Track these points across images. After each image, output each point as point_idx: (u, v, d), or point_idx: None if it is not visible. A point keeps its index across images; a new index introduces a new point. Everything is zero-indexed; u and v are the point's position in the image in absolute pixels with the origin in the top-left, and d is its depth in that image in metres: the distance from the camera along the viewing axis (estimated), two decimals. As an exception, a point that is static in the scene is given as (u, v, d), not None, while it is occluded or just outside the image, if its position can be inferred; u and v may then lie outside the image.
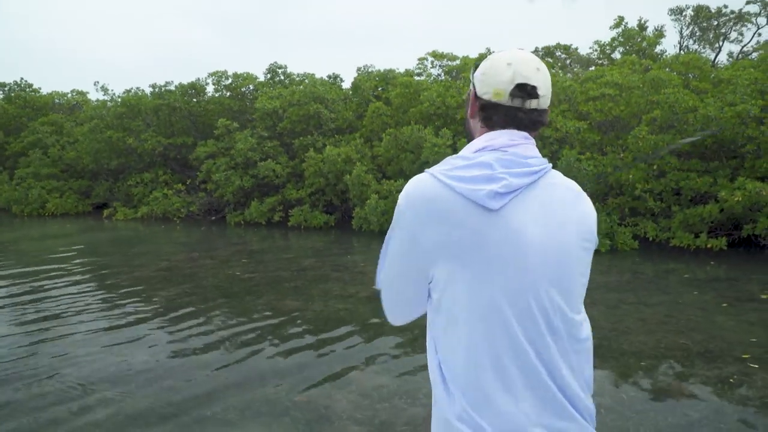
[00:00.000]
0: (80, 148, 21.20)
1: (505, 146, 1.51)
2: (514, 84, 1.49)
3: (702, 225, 10.85)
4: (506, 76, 1.50)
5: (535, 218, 1.42)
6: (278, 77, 21.45)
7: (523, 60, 1.52)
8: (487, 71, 1.54)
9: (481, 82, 1.55)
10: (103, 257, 11.74)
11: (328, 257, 11.26)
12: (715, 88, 13.01)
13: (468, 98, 1.66)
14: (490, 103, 1.53)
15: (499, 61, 1.53)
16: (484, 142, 1.53)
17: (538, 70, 1.52)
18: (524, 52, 1.56)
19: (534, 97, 1.51)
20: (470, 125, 1.64)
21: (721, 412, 4.38)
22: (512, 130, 1.53)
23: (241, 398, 4.75)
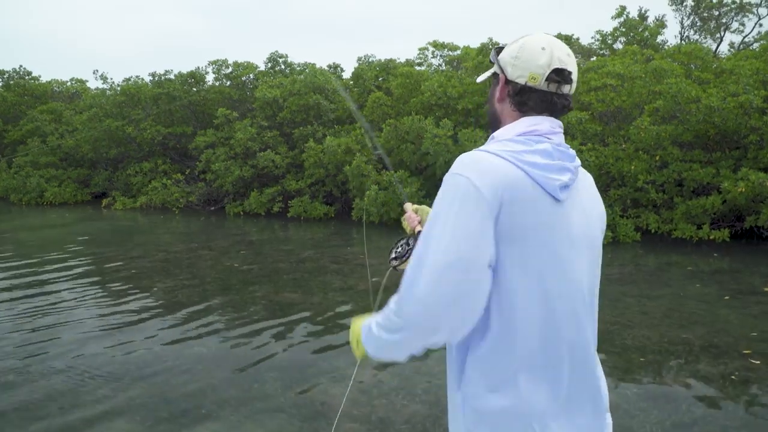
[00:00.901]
0: (79, 137, 21.07)
1: (549, 133, 1.52)
2: (551, 68, 1.50)
3: (704, 217, 10.75)
4: (543, 60, 1.50)
5: (579, 211, 1.50)
6: (279, 66, 21.29)
7: (557, 45, 1.53)
8: (521, 55, 1.52)
9: (513, 66, 1.54)
10: (101, 247, 11.66)
11: (328, 249, 11.18)
12: (717, 79, 12.86)
13: (494, 82, 1.64)
14: (526, 87, 1.53)
15: (533, 45, 1.52)
16: (527, 127, 1.52)
17: (569, 55, 1.53)
18: (554, 37, 1.55)
19: (568, 83, 1.53)
20: (497, 109, 1.62)
21: (726, 409, 4.30)
22: (552, 118, 1.55)
23: (237, 394, 4.68)
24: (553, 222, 1.42)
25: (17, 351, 5.71)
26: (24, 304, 7.38)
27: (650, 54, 15.58)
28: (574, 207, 1.48)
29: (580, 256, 1.49)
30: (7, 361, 5.45)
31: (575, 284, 1.47)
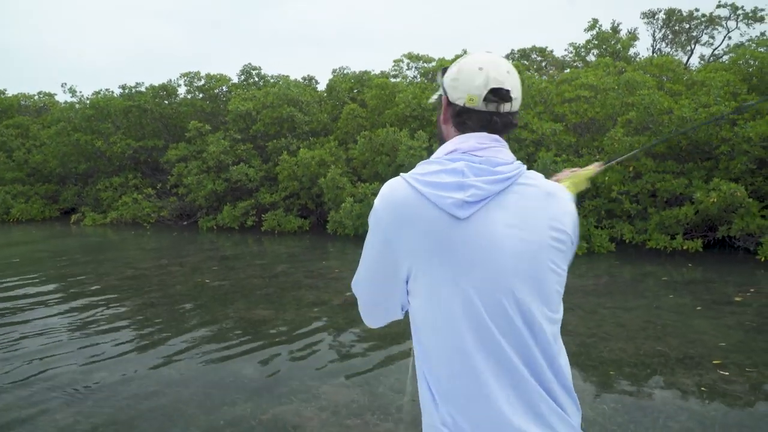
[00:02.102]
0: (47, 152, 20.64)
1: (474, 149, 1.50)
2: (488, 89, 1.50)
3: (678, 227, 10.81)
4: (479, 80, 1.50)
5: (506, 222, 1.42)
6: (252, 79, 21.12)
7: (494, 63, 1.53)
8: (458, 76, 1.54)
9: (453, 88, 1.55)
10: (69, 265, 11.35)
11: (302, 263, 11.01)
12: (688, 90, 13.01)
13: (439, 104, 1.65)
14: (464, 109, 1.53)
15: (469, 66, 1.53)
16: (454, 146, 1.52)
17: (508, 72, 1.53)
18: (493, 55, 1.56)
19: (507, 101, 1.52)
20: (443, 130, 1.63)
21: (703, 423, 4.24)
22: (481, 134, 1.53)
23: (206, 417, 4.50)
24: (456, 237, 1.39)
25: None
26: None
27: (623, 66, 15.76)
28: (495, 218, 1.42)
29: (505, 264, 1.41)
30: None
31: (492, 294, 1.40)
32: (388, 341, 6.14)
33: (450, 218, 1.39)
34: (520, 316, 1.41)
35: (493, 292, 1.40)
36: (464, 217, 1.39)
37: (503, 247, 1.41)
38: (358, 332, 6.57)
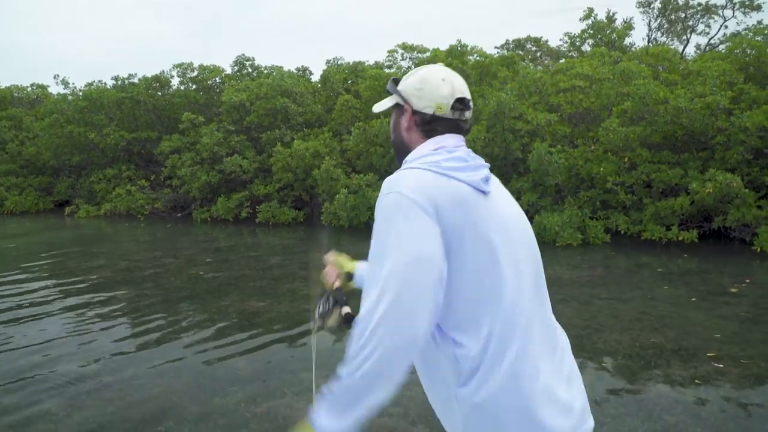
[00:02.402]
0: (40, 144, 20.50)
1: (455, 147, 1.65)
2: (454, 98, 1.65)
3: (673, 217, 10.80)
4: (446, 90, 1.64)
5: (507, 198, 1.66)
6: (246, 70, 20.99)
7: (454, 75, 1.68)
8: (424, 87, 1.65)
9: (418, 98, 1.66)
10: (62, 257, 11.27)
11: (296, 254, 10.96)
12: (684, 80, 12.97)
13: (396, 112, 1.74)
14: (434, 117, 1.66)
15: (433, 77, 1.66)
16: (436, 144, 1.64)
17: (465, 85, 1.70)
18: (446, 68, 1.71)
19: (468, 109, 1.69)
20: (404, 137, 1.72)
21: (698, 415, 4.21)
22: (454, 135, 1.68)
23: (198, 410, 4.45)
24: (487, 211, 1.52)
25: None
26: None
27: (618, 56, 15.69)
28: (499, 196, 1.62)
29: (518, 236, 1.59)
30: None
31: (523, 262, 1.56)
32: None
33: (478, 193, 1.53)
34: (542, 278, 1.65)
35: (521, 258, 1.56)
36: (489, 191, 1.56)
37: (519, 217, 1.65)
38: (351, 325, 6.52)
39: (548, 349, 1.55)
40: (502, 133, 12.68)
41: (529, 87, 14.02)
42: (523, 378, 1.45)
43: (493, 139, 12.76)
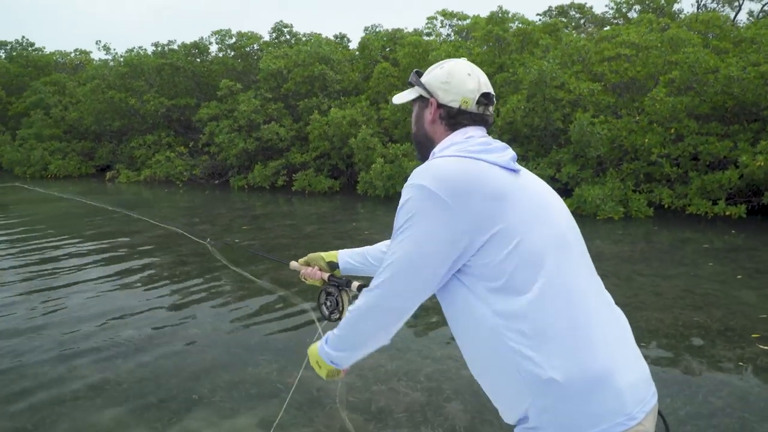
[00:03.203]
0: (82, 109, 20.83)
1: (482, 136, 1.69)
2: (480, 93, 1.69)
3: (720, 192, 10.40)
4: (472, 85, 1.69)
5: (534, 180, 1.67)
6: (284, 37, 20.87)
7: (478, 71, 1.73)
8: (450, 80, 1.69)
9: (445, 91, 1.70)
10: (102, 222, 11.48)
11: (331, 224, 10.94)
12: (735, 48, 12.39)
13: (420, 105, 1.78)
14: (459, 110, 1.69)
15: (459, 71, 1.70)
16: (465, 134, 1.68)
17: (487, 79, 1.74)
18: (470, 63, 1.75)
19: (492, 104, 1.74)
20: (428, 130, 1.75)
21: (744, 399, 4.05)
22: (479, 127, 1.72)
23: (230, 378, 4.47)
24: (521, 188, 1.55)
25: (10, 327, 5.53)
26: (20, 281, 7.21)
27: (666, 23, 15.09)
28: (529, 175, 1.65)
29: (556, 212, 1.62)
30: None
31: (563, 235, 1.58)
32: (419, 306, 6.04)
33: (510, 173, 1.56)
34: (583, 246, 1.66)
35: (564, 229, 1.60)
36: (519, 169, 1.59)
37: (552, 194, 1.67)
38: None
39: (609, 316, 1.59)
40: (543, 103, 12.34)
41: (572, 55, 13.58)
42: (595, 347, 1.46)
43: (534, 109, 12.44)
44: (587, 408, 1.41)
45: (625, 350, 1.56)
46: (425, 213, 1.48)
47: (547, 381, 1.41)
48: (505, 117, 12.75)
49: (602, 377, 1.43)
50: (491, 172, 1.52)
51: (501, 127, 13.06)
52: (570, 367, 1.42)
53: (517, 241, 1.47)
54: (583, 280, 1.56)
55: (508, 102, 12.86)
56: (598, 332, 1.48)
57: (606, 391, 1.43)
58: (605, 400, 1.42)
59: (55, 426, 3.84)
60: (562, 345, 1.43)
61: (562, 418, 1.42)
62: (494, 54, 15.34)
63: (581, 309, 1.49)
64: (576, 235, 1.64)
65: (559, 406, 1.42)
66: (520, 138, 13.27)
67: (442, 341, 5.09)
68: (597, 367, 1.43)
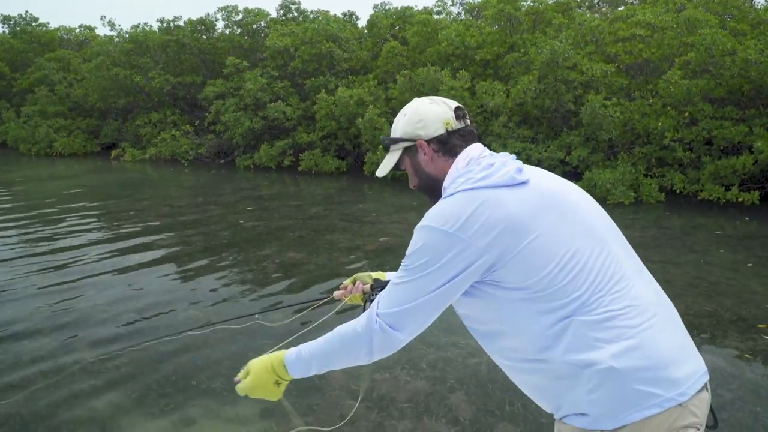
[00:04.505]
0: (87, 86, 20.69)
1: (481, 156, 1.68)
2: (452, 109, 1.72)
3: (734, 177, 10.19)
4: (440, 108, 1.72)
5: (547, 178, 1.65)
6: (291, 14, 20.56)
7: (434, 97, 1.76)
8: (423, 117, 1.71)
9: (425, 127, 1.70)
10: (107, 200, 11.41)
11: (337, 205, 10.82)
12: (753, 30, 12.08)
13: (409, 156, 1.76)
14: (447, 133, 1.70)
15: (420, 108, 1.73)
16: (465, 158, 1.68)
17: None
18: (420, 98, 1.79)
19: (466, 115, 1.75)
20: (431, 171, 1.73)
21: (756, 392, 3.93)
22: (474, 144, 1.72)
23: (231, 364, 4.38)
24: (532, 198, 1.54)
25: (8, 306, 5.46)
26: (23, 258, 7.15)
27: (683, 3, 14.71)
28: (540, 177, 1.63)
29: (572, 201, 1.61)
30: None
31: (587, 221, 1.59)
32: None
33: (517, 188, 1.54)
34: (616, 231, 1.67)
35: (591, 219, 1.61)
36: (525, 179, 1.56)
37: (569, 190, 1.65)
38: (391, 280, 6.37)
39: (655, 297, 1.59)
40: (554, 84, 12.11)
41: (585, 35, 13.30)
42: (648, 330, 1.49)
43: (545, 90, 12.21)
44: (639, 386, 1.44)
45: (674, 330, 1.57)
46: (436, 252, 1.51)
47: (605, 369, 1.44)
48: (515, 98, 12.53)
49: (655, 358, 1.46)
50: (498, 197, 1.52)
51: (511, 108, 12.85)
52: (626, 353, 1.44)
53: (548, 250, 1.49)
54: (624, 266, 1.57)
55: (518, 83, 12.63)
56: (648, 315, 1.50)
57: (659, 371, 1.45)
58: (657, 379, 1.45)
59: (52, 412, 3.77)
60: (618, 333, 1.46)
61: (613, 398, 1.45)
62: (505, 33, 15.06)
63: (629, 295, 1.51)
64: (605, 222, 1.65)
65: (611, 386, 1.45)
66: (530, 120, 13.04)
67: (446, 328, 4.97)
68: (651, 350, 1.46)
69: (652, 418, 1.43)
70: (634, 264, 1.62)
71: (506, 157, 1.65)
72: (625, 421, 1.44)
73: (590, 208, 1.64)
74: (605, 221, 1.65)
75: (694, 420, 1.48)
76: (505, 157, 1.64)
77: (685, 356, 1.53)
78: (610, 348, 1.44)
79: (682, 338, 1.57)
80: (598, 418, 1.46)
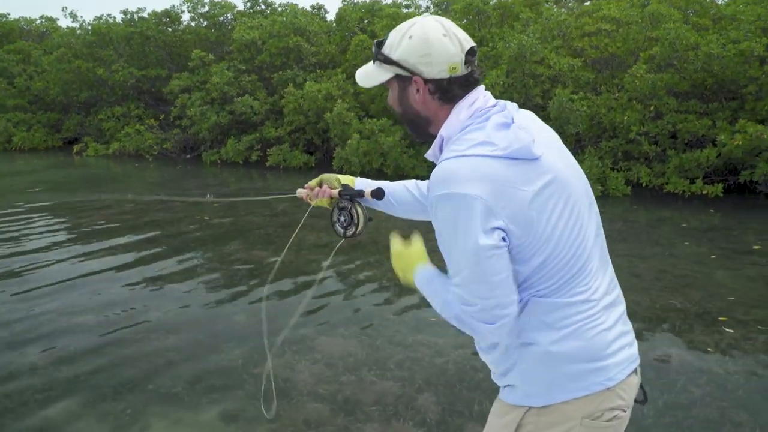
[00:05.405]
0: (48, 79, 20.10)
1: (489, 105, 1.53)
2: (465, 52, 1.49)
3: (698, 170, 10.31)
4: (454, 47, 1.48)
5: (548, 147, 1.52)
6: (259, 6, 20.24)
7: (449, 24, 1.51)
8: (429, 51, 1.47)
9: (428, 64, 1.49)
10: (68, 196, 11.09)
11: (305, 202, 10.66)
12: (715, 25, 12.23)
13: (400, 85, 1.57)
14: (450, 80, 1.50)
15: (434, 35, 1.48)
16: (470, 109, 1.51)
17: (461, 30, 1.53)
18: (437, 18, 1.53)
19: (475, 55, 1.53)
20: (420, 110, 1.57)
21: (723, 387, 3.94)
22: (479, 89, 1.54)
23: (193, 368, 4.26)
24: (546, 172, 1.45)
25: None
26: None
27: (647, -2, 14.85)
28: (547, 148, 1.50)
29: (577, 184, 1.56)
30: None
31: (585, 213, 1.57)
32: (389, 290, 5.86)
33: (529, 161, 1.43)
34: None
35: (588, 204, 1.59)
36: (539, 154, 1.45)
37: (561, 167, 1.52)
38: (358, 279, 6.29)
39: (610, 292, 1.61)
40: (522, 78, 12.12)
41: (552, 30, 13.34)
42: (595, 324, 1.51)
43: (513, 84, 12.22)
44: (569, 371, 1.49)
45: (617, 322, 1.58)
46: (470, 217, 1.39)
47: (543, 352, 1.49)
48: (484, 92, 12.49)
49: (591, 349, 1.49)
50: (518, 170, 1.42)
51: (479, 103, 12.80)
52: (565, 341, 1.48)
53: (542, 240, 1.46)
54: (593, 257, 1.57)
55: (487, 77, 12.61)
56: (598, 309, 1.52)
57: (591, 362, 1.49)
58: (588, 367, 1.49)
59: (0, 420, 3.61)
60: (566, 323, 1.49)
61: (544, 378, 1.51)
62: (474, 27, 15.02)
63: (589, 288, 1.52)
64: (591, 206, 1.62)
65: (545, 368, 1.50)
66: (499, 114, 13.03)
67: (414, 326, 4.92)
68: (591, 341, 1.49)
69: (578, 400, 1.49)
70: (601, 254, 1.62)
71: (512, 109, 1.53)
72: (552, 401, 1.50)
73: (583, 191, 1.58)
74: (591, 205, 1.61)
75: (620, 403, 1.53)
76: (510, 111, 1.51)
77: (619, 346, 1.54)
78: (553, 334, 1.47)
79: (621, 329, 1.58)
80: (529, 395, 1.53)
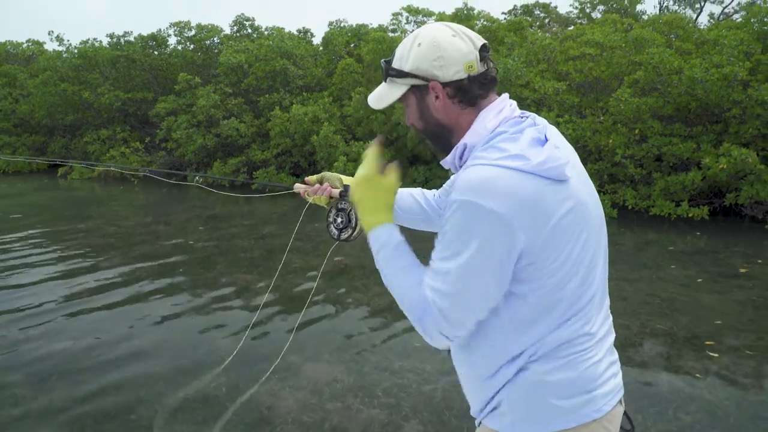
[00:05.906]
0: (34, 102, 20.01)
1: (515, 114, 1.48)
2: (478, 48, 1.45)
3: (683, 193, 10.38)
4: (466, 45, 1.44)
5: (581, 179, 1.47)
6: (245, 30, 20.35)
7: (456, 26, 1.48)
8: (441, 53, 1.43)
9: (442, 67, 1.43)
10: (51, 220, 10.94)
11: (292, 224, 10.60)
12: (698, 50, 12.41)
13: (416, 96, 1.50)
14: (467, 80, 1.44)
15: (443, 37, 1.44)
16: (495, 117, 1.46)
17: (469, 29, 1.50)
18: (442, 22, 1.49)
19: (489, 51, 1.48)
20: (441, 119, 1.49)
21: (713, 414, 3.89)
22: (503, 97, 1.50)
23: (174, 396, 4.13)
24: (573, 197, 1.39)
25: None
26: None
27: (630, 23, 15.09)
28: (577, 175, 1.44)
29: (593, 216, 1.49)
30: None
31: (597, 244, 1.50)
32: (377, 315, 5.78)
33: (563, 183, 1.36)
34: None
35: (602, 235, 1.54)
36: (569, 176, 1.38)
37: (587, 198, 1.46)
38: (345, 304, 6.21)
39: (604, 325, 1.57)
40: (508, 102, 12.18)
41: (537, 54, 13.46)
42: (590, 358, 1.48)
43: (499, 107, 12.27)
44: (558, 402, 1.45)
45: (606, 353, 1.54)
46: (484, 234, 1.32)
47: (537, 381, 1.45)
48: (470, 115, 12.55)
49: (580, 382, 1.46)
50: (546, 190, 1.34)
51: (465, 126, 12.86)
52: (558, 372, 1.45)
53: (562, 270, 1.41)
54: (597, 292, 1.52)
55: (472, 100, 12.67)
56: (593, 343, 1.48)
57: (581, 395, 1.46)
58: (578, 400, 1.46)
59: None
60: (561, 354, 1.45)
61: (533, 406, 1.46)
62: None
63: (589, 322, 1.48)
64: (604, 241, 1.58)
65: (535, 396, 1.46)
66: (485, 137, 13.08)
67: (401, 352, 4.83)
68: (582, 374, 1.46)
69: (567, 431, 1.46)
70: (604, 288, 1.59)
71: (543, 124, 1.46)
72: (541, 430, 1.46)
73: (598, 220, 1.53)
74: (602, 234, 1.55)
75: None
76: (543, 126, 1.45)
77: (607, 378, 1.52)
78: (549, 363, 1.44)
79: (610, 359, 1.55)
80: (517, 422, 1.48)
